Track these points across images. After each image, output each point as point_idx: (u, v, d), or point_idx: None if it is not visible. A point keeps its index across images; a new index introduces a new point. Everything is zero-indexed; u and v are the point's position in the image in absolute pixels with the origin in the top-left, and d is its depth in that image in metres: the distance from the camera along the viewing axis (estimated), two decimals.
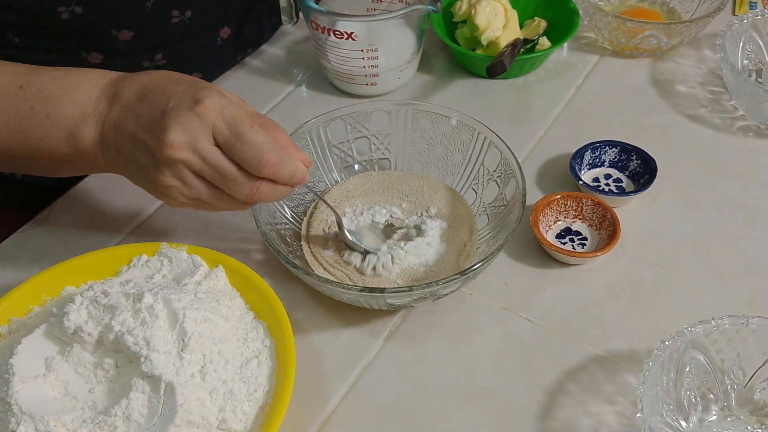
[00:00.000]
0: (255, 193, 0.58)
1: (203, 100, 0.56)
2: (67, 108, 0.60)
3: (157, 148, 0.56)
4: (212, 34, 0.87)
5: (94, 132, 0.60)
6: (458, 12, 0.91)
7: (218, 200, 0.59)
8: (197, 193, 0.58)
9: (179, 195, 0.59)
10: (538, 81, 0.92)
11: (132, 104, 0.59)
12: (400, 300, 0.62)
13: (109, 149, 0.60)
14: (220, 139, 0.56)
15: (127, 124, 0.58)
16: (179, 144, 0.55)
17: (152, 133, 0.57)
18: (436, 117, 0.74)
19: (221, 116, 0.56)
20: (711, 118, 0.87)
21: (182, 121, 0.56)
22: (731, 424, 0.59)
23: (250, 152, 0.56)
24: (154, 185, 0.59)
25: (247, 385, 0.59)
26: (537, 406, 0.61)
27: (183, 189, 0.58)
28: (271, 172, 0.57)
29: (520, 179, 0.67)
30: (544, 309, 0.68)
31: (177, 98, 0.57)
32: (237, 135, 0.56)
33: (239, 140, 0.56)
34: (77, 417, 0.55)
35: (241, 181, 0.57)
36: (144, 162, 0.58)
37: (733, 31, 0.86)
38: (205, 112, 0.56)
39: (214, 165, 0.57)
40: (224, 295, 0.64)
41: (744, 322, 0.58)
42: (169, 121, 0.56)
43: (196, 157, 0.56)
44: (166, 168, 0.57)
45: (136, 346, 0.56)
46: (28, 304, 0.64)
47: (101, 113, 0.60)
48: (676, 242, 0.73)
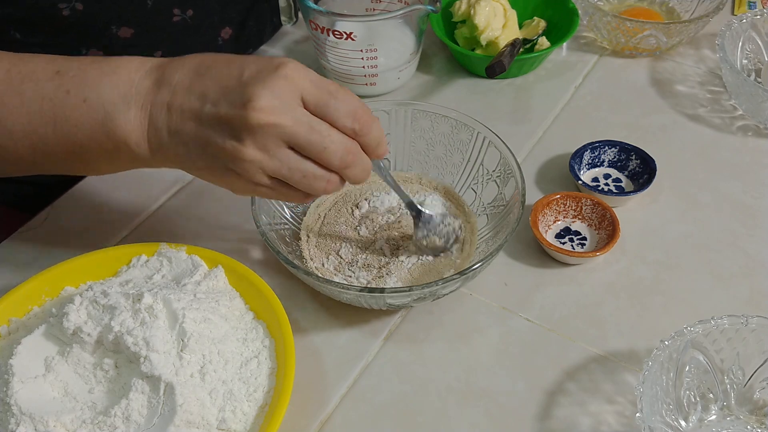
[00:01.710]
0: (349, 155, 0.54)
1: (286, 64, 0.53)
2: (106, 91, 0.56)
3: (242, 116, 0.51)
4: (213, 34, 0.87)
5: (138, 116, 0.55)
6: (457, 12, 0.91)
7: (301, 175, 0.54)
8: (280, 166, 0.53)
9: (258, 172, 0.53)
10: (537, 81, 0.92)
11: (188, 83, 0.54)
12: (400, 300, 0.62)
13: (160, 134, 0.55)
14: (312, 101, 0.53)
15: (188, 102, 0.54)
16: (270, 107, 0.51)
17: (231, 103, 0.52)
18: (435, 117, 0.74)
19: (308, 78, 0.53)
20: (710, 117, 0.87)
21: (269, 84, 0.52)
22: (731, 424, 0.59)
23: (345, 108, 0.54)
24: (226, 162, 0.54)
25: (246, 385, 0.59)
26: (536, 406, 0.61)
27: (265, 162, 0.53)
28: (366, 129, 0.55)
29: (520, 179, 0.67)
30: (544, 309, 0.68)
31: (253, 67, 0.53)
32: (330, 93, 0.54)
33: (333, 98, 0.53)
34: (77, 417, 0.55)
35: (337, 140, 0.54)
36: (215, 139, 0.53)
37: (732, 30, 0.86)
38: (292, 75, 0.52)
39: (308, 124, 0.53)
40: (224, 295, 0.64)
41: (743, 321, 0.58)
42: (254, 87, 0.52)
43: (290, 119, 0.52)
44: (250, 137, 0.52)
45: (135, 346, 0.56)
46: (28, 305, 0.64)
47: (146, 96, 0.55)
48: (676, 242, 0.73)
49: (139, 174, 0.80)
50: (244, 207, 0.68)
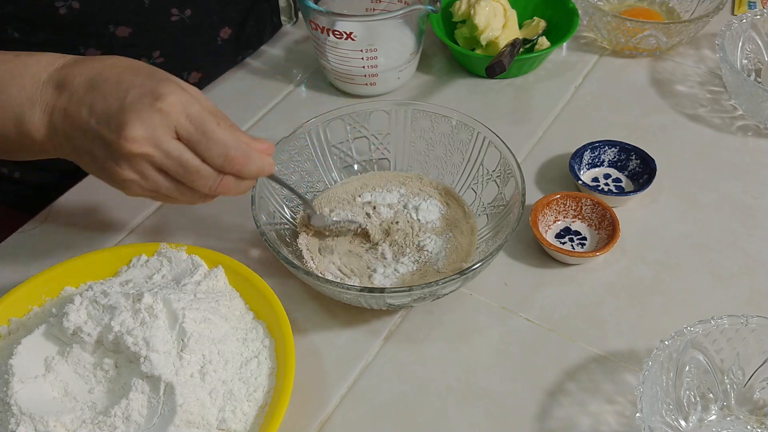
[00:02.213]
0: (219, 187, 0.58)
1: (165, 97, 0.55)
2: (15, 93, 0.59)
3: (116, 143, 0.55)
4: (212, 34, 0.87)
5: (42, 118, 0.58)
6: (457, 12, 0.91)
7: (178, 193, 0.58)
8: (156, 186, 0.57)
9: (137, 187, 0.58)
10: (537, 81, 0.92)
11: (83, 93, 0.57)
12: (400, 300, 0.62)
13: (58, 136, 0.59)
14: (185, 136, 0.56)
15: (79, 114, 0.57)
16: (140, 139, 0.54)
17: (109, 126, 0.55)
18: (435, 117, 0.74)
19: (185, 113, 0.56)
20: (710, 117, 0.87)
21: (143, 117, 0.54)
22: (731, 424, 0.59)
23: (217, 150, 0.56)
24: (110, 177, 0.58)
25: (246, 385, 0.59)
26: (536, 406, 0.61)
27: (141, 182, 0.57)
28: (237, 169, 0.57)
29: (520, 179, 0.67)
30: (544, 309, 0.68)
31: (135, 92, 0.56)
32: (203, 133, 0.56)
33: (205, 138, 0.56)
34: (77, 417, 0.55)
35: (205, 175, 0.57)
36: (99, 154, 0.57)
37: (732, 30, 0.86)
38: (168, 109, 0.55)
39: (177, 159, 0.56)
40: (224, 295, 0.64)
41: (743, 321, 0.58)
42: (130, 116, 0.55)
43: (158, 151, 0.55)
44: (124, 162, 0.56)
45: (135, 346, 0.56)
46: (28, 305, 0.64)
47: (48, 100, 0.58)
48: (676, 242, 0.73)
49: None
50: (244, 207, 0.68)
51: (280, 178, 0.67)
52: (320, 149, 0.75)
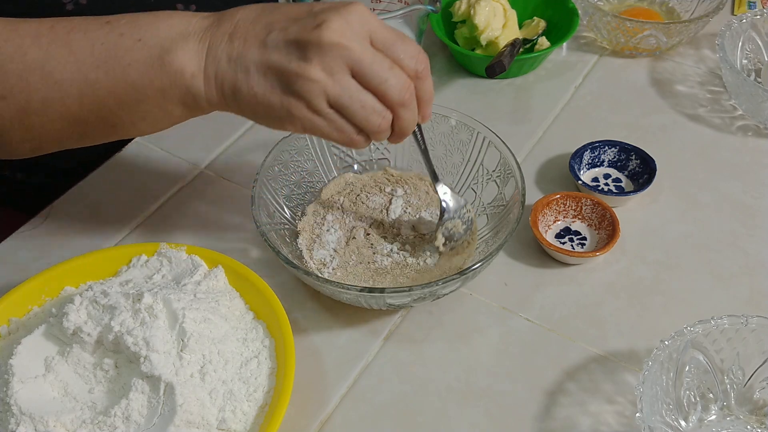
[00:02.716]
0: (407, 92, 0.55)
1: (355, 6, 0.54)
2: (163, 29, 0.56)
3: (314, 35, 0.52)
4: None
5: (196, 48, 0.55)
6: (457, 12, 0.91)
7: (360, 107, 0.54)
8: (342, 92, 0.53)
9: (319, 94, 0.53)
10: (537, 81, 0.92)
11: (253, 18, 0.55)
12: (400, 300, 0.62)
13: (218, 61, 0.55)
14: (379, 39, 0.54)
15: (252, 31, 0.54)
16: (342, 30, 0.52)
17: (301, 26, 0.53)
18: (435, 117, 0.74)
19: (376, 19, 0.55)
20: (710, 117, 0.87)
21: (343, 13, 0.53)
22: (731, 424, 0.59)
23: (410, 50, 0.55)
24: (289, 84, 0.53)
25: (246, 385, 0.59)
26: (536, 406, 0.61)
27: (328, 85, 0.53)
28: (425, 73, 0.56)
29: (520, 179, 0.67)
30: (544, 309, 0.68)
31: (320, 5, 0.54)
32: (396, 35, 0.55)
33: (400, 39, 0.55)
34: (77, 417, 0.55)
35: (398, 74, 0.54)
36: (280, 61, 0.53)
37: (732, 30, 0.86)
38: (362, 12, 0.54)
39: (373, 54, 0.54)
40: (224, 295, 0.64)
41: (743, 321, 0.58)
42: (327, 14, 0.53)
43: (358, 44, 0.53)
44: (317, 56, 0.52)
45: (135, 346, 0.56)
46: (28, 305, 0.64)
47: (206, 31, 0.55)
48: (676, 242, 0.73)
49: (139, 174, 0.81)
50: (244, 207, 0.68)
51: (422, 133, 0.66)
52: (320, 149, 0.75)
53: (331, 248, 0.71)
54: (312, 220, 0.73)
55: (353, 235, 0.71)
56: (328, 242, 0.71)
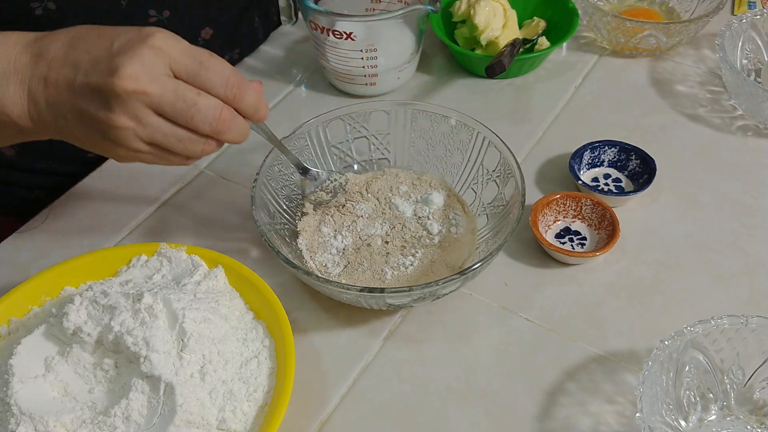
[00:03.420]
0: (219, 121, 0.55)
1: (154, 35, 0.53)
2: None
3: (109, 83, 0.52)
4: (193, 35, 0.85)
5: (18, 91, 0.55)
6: (457, 12, 0.91)
7: (176, 140, 0.55)
8: (153, 133, 0.54)
9: (133, 138, 0.54)
10: (537, 81, 0.92)
11: (63, 55, 0.55)
12: (400, 300, 0.62)
13: (39, 107, 0.56)
14: (182, 70, 0.54)
15: (62, 74, 0.54)
16: (135, 76, 0.52)
17: (99, 72, 0.53)
18: (435, 117, 0.74)
19: (178, 48, 0.54)
20: (710, 117, 0.87)
21: (136, 54, 0.52)
22: (730, 424, 0.59)
23: (217, 77, 0.55)
24: (102, 132, 0.54)
25: (246, 385, 0.59)
26: (536, 406, 0.61)
27: (138, 129, 0.54)
28: (239, 97, 0.56)
29: (520, 179, 0.67)
30: (544, 309, 0.68)
31: (122, 38, 0.54)
32: (200, 63, 0.54)
33: (204, 67, 0.54)
34: (77, 417, 0.55)
35: (205, 107, 0.54)
36: (88, 109, 0.54)
37: (732, 30, 0.86)
38: (160, 45, 0.53)
39: (174, 92, 0.53)
40: (224, 295, 0.64)
41: (743, 321, 0.58)
42: (122, 57, 0.52)
43: (156, 87, 0.53)
44: (119, 106, 0.53)
45: (135, 346, 0.56)
46: (28, 305, 0.64)
47: (24, 71, 0.56)
48: (676, 242, 0.73)
49: (140, 174, 0.81)
50: (244, 207, 0.68)
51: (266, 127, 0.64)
52: (320, 149, 0.75)
53: (337, 253, 0.71)
54: (313, 219, 0.73)
55: (367, 242, 0.71)
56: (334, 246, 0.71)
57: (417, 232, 0.72)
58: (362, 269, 0.69)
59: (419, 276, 0.69)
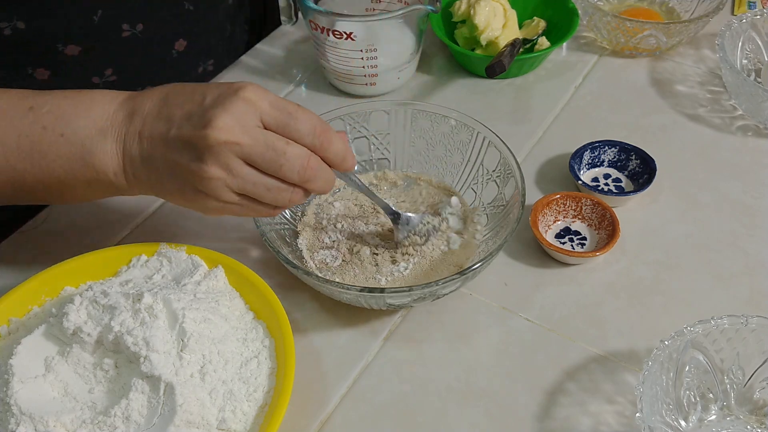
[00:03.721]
0: (307, 169, 0.56)
1: (245, 88, 0.55)
2: (83, 125, 0.58)
3: (202, 136, 0.54)
4: (166, 47, 0.85)
5: (114, 148, 0.58)
6: (457, 12, 0.91)
7: (265, 190, 0.57)
8: (243, 183, 0.56)
9: (223, 189, 0.56)
10: (537, 81, 0.92)
11: (156, 111, 0.57)
12: (400, 300, 0.62)
13: (134, 163, 0.58)
14: (271, 122, 0.56)
15: (156, 128, 0.56)
16: (227, 127, 0.54)
17: (193, 124, 0.55)
18: (435, 117, 0.74)
19: (267, 100, 0.56)
20: (710, 117, 0.87)
21: (229, 107, 0.54)
22: (731, 424, 0.59)
23: (305, 127, 0.56)
24: (194, 184, 0.56)
25: (246, 385, 0.59)
26: (536, 406, 0.61)
27: (229, 180, 0.55)
28: (326, 146, 0.57)
29: (520, 179, 0.67)
30: (544, 309, 0.68)
31: (214, 93, 0.56)
32: (289, 113, 0.56)
33: (293, 118, 0.56)
34: (77, 417, 0.55)
35: (293, 156, 0.56)
36: (181, 161, 0.55)
37: (732, 30, 0.86)
38: (251, 97, 0.55)
39: (264, 143, 0.55)
40: (224, 295, 0.64)
41: (743, 321, 0.58)
42: (215, 109, 0.54)
43: (247, 138, 0.54)
44: (210, 157, 0.54)
45: (135, 346, 0.56)
46: (28, 305, 0.64)
47: (120, 128, 0.58)
48: (676, 242, 0.73)
49: None
50: None
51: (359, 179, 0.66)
52: None
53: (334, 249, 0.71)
54: (313, 220, 0.73)
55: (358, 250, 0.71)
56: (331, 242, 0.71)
57: None
58: (359, 261, 0.69)
59: (419, 276, 0.69)
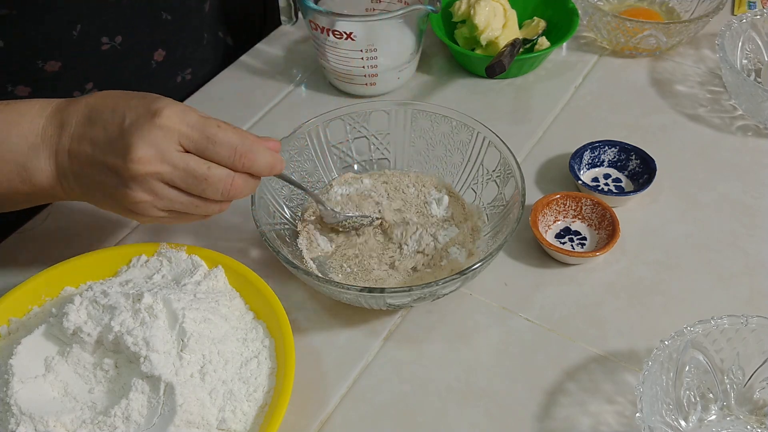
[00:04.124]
0: (230, 189, 0.58)
1: (162, 111, 0.56)
2: (15, 143, 0.58)
3: (124, 167, 0.55)
4: (145, 58, 0.85)
5: (48, 163, 0.59)
6: (457, 12, 0.91)
7: (193, 206, 0.59)
8: (170, 203, 0.58)
9: (152, 209, 0.58)
10: (537, 81, 0.92)
11: (82, 129, 0.58)
12: (400, 300, 0.62)
13: (67, 178, 0.59)
14: (190, 145, 0.56)
15: (83, 149, 0.57)
16: (147, 158, 0.55)
17: (115, 153, 0.56)
18: (435, 117, 0.74)
19: (185, 123, 0.56)
20: (710, 117, 0.87)
21: (145, 135, 0.55)
22: (730, 424, 0.59)
23: (225, 150, 0.57)
24: (123, 204, 0.58)
25: (246, 385, 0.59)
26: (536, 406, 0.61)
27: (155, 202, 0.57)
28: (248, 165, 0.58)
29: (520, 179, 0.67)
30: (544, 309, 0.68)
31: (132, 114, 0.56)
32: (208, 137, 0.56)
33: (211, 141, 0.56)
34: (77, 417, 0.55)
35: (215, 180, 0.57)
36: (109, 183, 0.57)
37: (732, 30, 0.86)
38: (167, 123, 0.55)
39: (184, 169, 0.56)
40: (224, 295, 0.64)
41: (743, 321, 0.58)
42: (132, 138, 0.55)
43: (167, 166, 0.56)
44: (135, 184, 0.56)
45: (135, 346, 0.56)
46: (28, 305, 0.64)
47: (52, 143, 0.59)
48: (676, 242, 0.73)
49: None
50: (244, 207, 0.68)
51: (290, 176, 0.67)
52: (320, 149, 0.75)
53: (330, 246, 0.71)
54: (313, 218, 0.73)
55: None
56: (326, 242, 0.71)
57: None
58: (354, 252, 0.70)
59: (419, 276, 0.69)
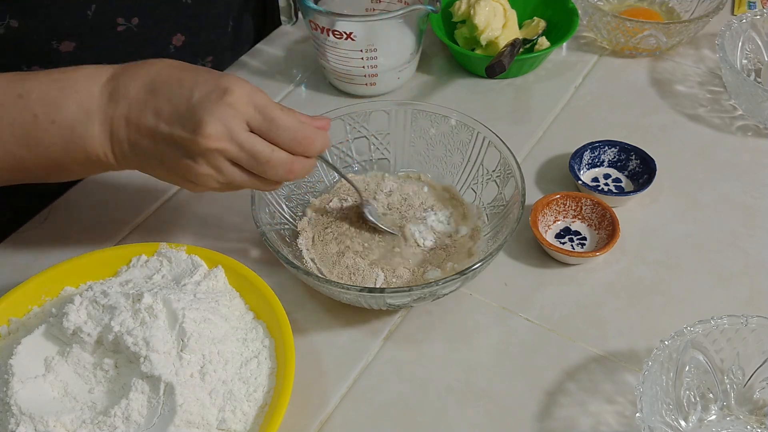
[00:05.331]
0: (290, 172, 0.60)
1: (231, 90, 0.58)
2: (72, 110, 0.59)
3: (193, 140, 0.57)
4: (164, 42, 0.84)
5: (101, 131, 0.60)
6: (457, 12, 0.91)
7: (250, 184, 0.61)
8: (230, 178, 0.60)
9: (212, 182, 0.60)
10: (537, 81, 0.92)
11: (143, 99, 0.59)
12: (400, 300, 0.62)
13: (121, 145, 0.60)
14: (255, 126, 0.58)
15: (144, 119, 0.58)
16: (216, 135, 0.57)
17: (183, 126, 0.57)
18: (435, 117, 0.74)
19: (252, 104, 0.58)
20: (710, 117, 0.87)
21: (215, 112, 0.57)
22: (730, 424, 0.59)
23: (286, 134, 0.59)
24: (184, 175, 0.60)
25: (246, 385, 0.59)
26: (536, 406, 0.61)
27: (217, 177, 0.59)
28: (305, 149, 0.60)
29: (520, 179, 0.67)
30: (544, 309, 0.68)
31: (201, 89, 0.58)
32: (271, 120, 0.58)
33: (274, 125, 0.59)
34: (77, 417, 0.55)
35: (276, 163, 0.59)
36: (172, 155, 0.59)
37: (732, 30, 0.86)
38: (236, 102, 0.57)
39: (250, 151, 0.58)
40: (223, 295, 0.64)
41: (743, 321, 0.58)
42: (203, 114, 0.57)
43: (234, 145, 0.58)
44: (202, 159, 0.58)
45: (135, 346, 0.56)
46: (28, 305, 0.64)
47: (105, 110, 0.59)
48: (676, 242, 0.73)
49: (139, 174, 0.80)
50: (244, 207, 0.68)
51: (329, 160, 0.71)
52: None
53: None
54: (313, 220, 0.73)
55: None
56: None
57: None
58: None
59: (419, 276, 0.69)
